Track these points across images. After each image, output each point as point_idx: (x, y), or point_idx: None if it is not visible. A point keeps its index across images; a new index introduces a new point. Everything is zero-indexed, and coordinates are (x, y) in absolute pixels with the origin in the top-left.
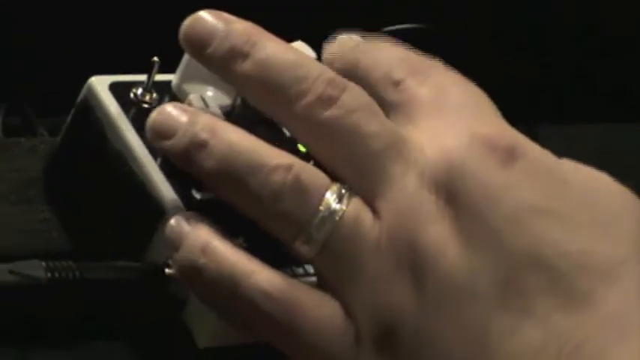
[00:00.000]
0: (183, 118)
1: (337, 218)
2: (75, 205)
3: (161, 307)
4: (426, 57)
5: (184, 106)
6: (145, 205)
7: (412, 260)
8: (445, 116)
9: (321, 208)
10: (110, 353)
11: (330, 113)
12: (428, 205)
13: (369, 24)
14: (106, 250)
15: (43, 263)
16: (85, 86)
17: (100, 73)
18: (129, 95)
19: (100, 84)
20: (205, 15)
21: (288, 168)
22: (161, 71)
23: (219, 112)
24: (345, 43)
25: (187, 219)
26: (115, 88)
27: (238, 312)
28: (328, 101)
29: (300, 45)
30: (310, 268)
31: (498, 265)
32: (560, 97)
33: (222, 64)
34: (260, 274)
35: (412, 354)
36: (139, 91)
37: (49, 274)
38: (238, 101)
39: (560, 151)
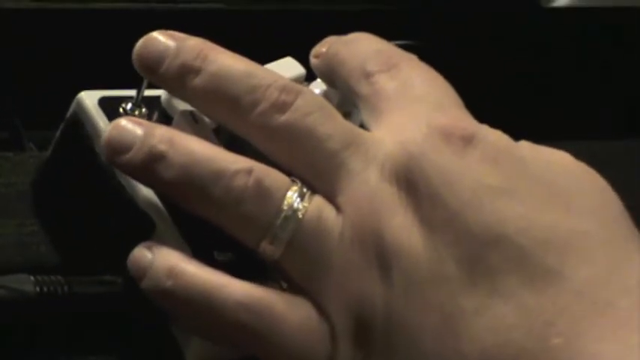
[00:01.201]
0: (139, 131)
1: (300, 216)
2: (63, 220)
3: (150, 322)
4: (403, 51)
5: (138, 119)
6: (133, 219)
7: (378, 252)
8: (407, 109)
9: (284, 207)
10: None
11: (285, 118)
12: (389, 196)
13: None
14: (94, 264)
15: (32, 277)
16: (75, 101)
17: (89, 88)
18: (118, 110)
19: (90, 99)
20: (157, 35)
21: (249, 172)
22: (151, 86)
23: (208, 128)
24: (329, 40)
25: (149, 247)
26: (104, 103)
27: (215, 327)
28: (282, 107)
29: (288, 61)
30: None
31: (462, 248)
32: (558, 114)
33: (175, 83)
34: (231, 287)
35: (386, 344)
36: (129, 106)
37: (37, 288)
38: None
39: None
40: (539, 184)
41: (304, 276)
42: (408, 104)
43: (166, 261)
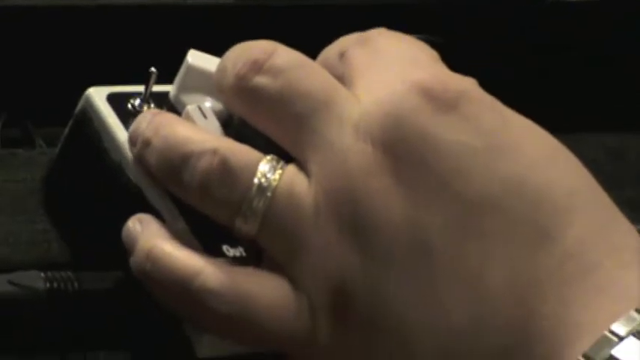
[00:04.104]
0: (142, 122)
1: (270, 192)
2: (74, 216)
3: (160, 317)
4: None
5: (152, 111)
6: None
7: (354, 222)
8: (381, 70)
9: (254, 183)
10: None
11: (256, 80)
12: (364, 158)
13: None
14: (104, 261)
15: (42, 274)
16: (83, 97)
17: (97, 84)
18: (127, 106)
19: (98, 95)
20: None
21: (214, 152)
22: (159, 82)
23: (217, 123)
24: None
25: (140, 221)
26: (112, 99)
27: (193, 314)
28: (256, 67)
29: None
30: None
31: (450, 214)
32: (557, 107)
33: None
34: (205, 274)
35: (367, 316)
36: (137, 102)
37: (47, 285)
38: None
39: None
40: (525, 141)
41: (281, 252)
42: (381, 67)
43: (148, 241)
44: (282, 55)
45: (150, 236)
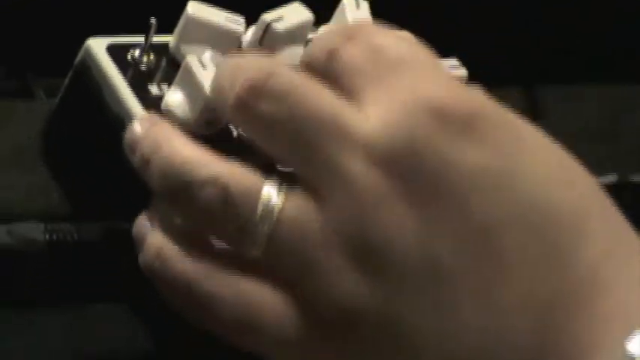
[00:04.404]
0: (139, 131)
1: (274, 217)
2: (73, 167)
3: None
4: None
5: (149, 117)
6: None
7: (365, 247)
8: (385, 80)
9: (258, 208)
10: (109, 315)
11: (260, 106)
12: (375, 184)
13: None
14: (104, 212)
15: (42, 225)
16: (83, 48)
17: (97, 34)
18: (126, 57)
19: (98, 46)
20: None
21: (215, 181)
22: (159, 32)
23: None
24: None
25: (150, 218)
26: (112, 50)
27: (197, 316)
28: (255, 91)
29: (296, 6)
30: None
31: (463, 236)
32: (559, 56)
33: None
34: (210, 279)
35: (376, 337)
36: (137, 52)
37: (47, 236)
38: None
39: (559, 111)
40: (537, 159)
41: (287, 275)
42: (384, 73)
43: (157, 239)
44: (281, 76)
45: (159, 234)
